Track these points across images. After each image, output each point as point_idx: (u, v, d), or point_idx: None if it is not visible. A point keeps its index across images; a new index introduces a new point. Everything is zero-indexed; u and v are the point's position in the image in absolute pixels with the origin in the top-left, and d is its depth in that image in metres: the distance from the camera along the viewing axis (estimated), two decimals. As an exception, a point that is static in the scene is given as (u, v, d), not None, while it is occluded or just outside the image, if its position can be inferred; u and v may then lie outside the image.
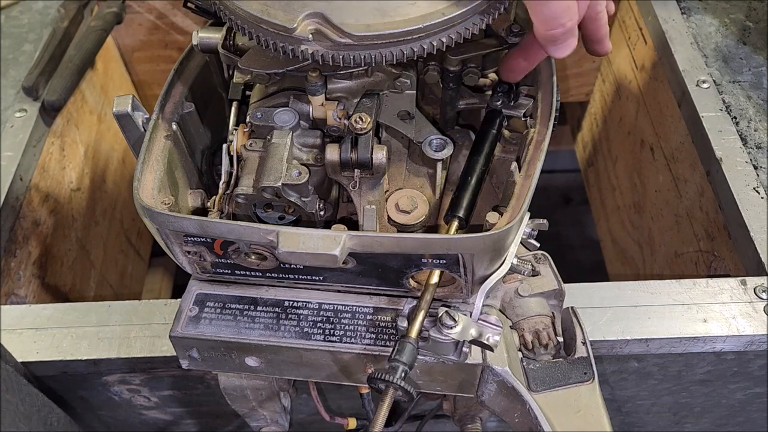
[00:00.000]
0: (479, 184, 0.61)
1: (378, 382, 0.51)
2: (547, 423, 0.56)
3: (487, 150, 0.62)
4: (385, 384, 0.51)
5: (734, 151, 0.85)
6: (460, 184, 0.61)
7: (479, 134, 0.64)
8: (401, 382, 0.50)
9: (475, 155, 0.62)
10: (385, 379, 0.50)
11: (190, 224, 0.53)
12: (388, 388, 0.51)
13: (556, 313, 0.62)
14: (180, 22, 1.24)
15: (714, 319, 0.71)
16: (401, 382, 0.50)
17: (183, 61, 0.66)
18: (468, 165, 0.62)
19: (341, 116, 0.58)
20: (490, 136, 0.63)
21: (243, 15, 0.54)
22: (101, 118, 1.18)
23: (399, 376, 0.51)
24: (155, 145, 0.59)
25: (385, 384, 0.51)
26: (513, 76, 0.62)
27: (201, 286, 0.61)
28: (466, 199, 0.59)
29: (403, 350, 0.52)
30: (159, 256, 1.38)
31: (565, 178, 1.82)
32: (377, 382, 0.51)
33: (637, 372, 0.77)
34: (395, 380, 0.50)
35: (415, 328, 0.53)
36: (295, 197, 0.55)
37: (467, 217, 0.59)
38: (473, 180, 0.60)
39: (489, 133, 0.63)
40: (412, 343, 0.52)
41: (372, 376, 0.51)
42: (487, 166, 0.62)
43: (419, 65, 0.65)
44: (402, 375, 0.51)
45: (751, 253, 0.77)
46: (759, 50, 0.97)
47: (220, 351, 0.59)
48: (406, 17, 0.52)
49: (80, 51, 1.04)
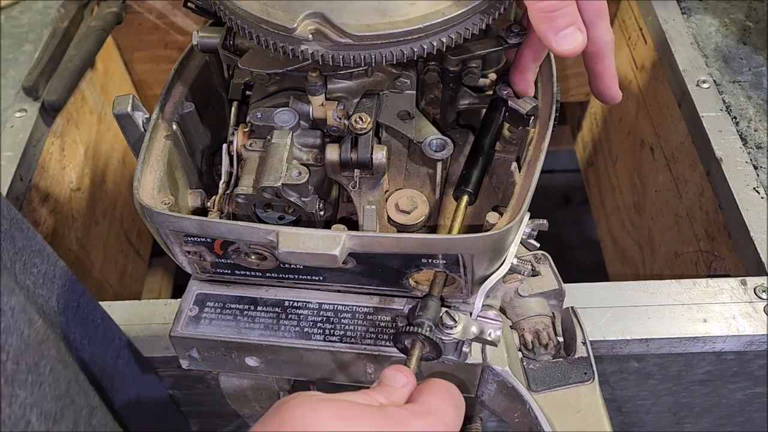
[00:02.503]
0: (486, 163, 0.61)
1: (405, 336, 0.51)
2: (547, 423, 0.56)
3: (493, 131, 0.62)
4: (412, 338, 0.51)
5: (734, 151, 0.85)
6: (467, 162, 0.61)
7: (484, 119, 0.64)
8: (431, 335, 0.50)
9: (482, 137, 0.62)
10: (413, 331, 0.50)
11: (190, 224, 0.53)
12: (415, 342, 0.51)
13: (556, 313, 0.62)
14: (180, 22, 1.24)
15: (714, 319, 0.71)
16: (431, 335, 0.50)
17: (183, 61, 0.66)
18: (475, 145, 0.62)
19: (341, 116, 0.58)
20: (495, 120, 0.63)
21: (243, 15, 0.54)
22: (101, 118, 1.18)
23: (426, 330, 0.50)
24: (155, 145, 0.59)
25: (412, 338, 0.51)
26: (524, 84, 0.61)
27: (201, 286, 0.61)
28: (475, 175, 0.60)
29: (429, 307, 0.52)
30: (159, 256, 1.38)
31: (565, 178, 1.82)
32: (404, 337, 0.51)
33: (637, 372, 0.77)
34: (426, 332, 0.50)
35: (436, 287, 0.54)
36: (295, 197, 0.55)
37: (476, 192, 0.59)
38: (480, 158, 0.61)
39: (494, 118, 0.63)
40: (435, 300, 0.52)
41: (400, 330, 0.51)
42: (493, 147, 0.62)
43: (419, 65, 0.65)
44: (429, 329, 0.50)
45: (751, 253, 0.77)
46: (759, 50, 0.97)
47: (220, 351, 0.59)
48: (406, 17, 0.52)
49: (80, 51, 1.04)
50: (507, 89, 0.63)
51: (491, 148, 0.62)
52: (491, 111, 0.64)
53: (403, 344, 0.52)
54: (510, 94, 0.63)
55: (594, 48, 0.56)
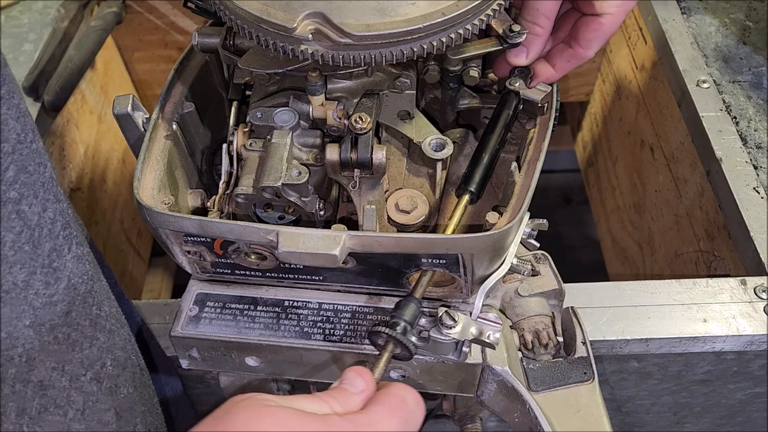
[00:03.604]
0: (492, 161, 0.60)
1: (377, 335, 0.50)
2: (546, 423, 0.56)
3: (501, 129, 0.61)
4: (384, 337, 0.50)
5: (734, 151, 0.85)
6: (473, 160, 0.60)
7: (493, 116, 0.62)
8: (401, 337, 0.50)
9: (489, 134, 0.61)
10: (385, 332, 0.50)
11: (190, 224, 0.53)
12: (387, 342, 0.50)
13: (556, 313, 0.62)
14: (180, 22, 1.24)
15: (714, 319, 0.71)
16: (401, 337, 0.50)
17: (183, 61, 0.66)
18: (482, 143, 0.61)
19: (341, 116, 0.58)
20: (504, 116, 0.61)
21: (243, 15, 0.54)
22: (101, 118, 1.18)
23: (399, 331, 0.50)
24: (155, 145, 0.59)
25: (384, 337, 0.50)
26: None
27: (201, 286, 0.61)
28: (479, 174, 0.58)
29: (404, 307, 0.51)
30: (159, 256, 1.38)
31: (565, 178, 1.82)
32: (377, 336, 0.50)
33: (637, 372, 0.77)
34: (395, 334, 0.49)
35: (419, 289, 0.53)
36: (295, 197, 0.55)
37: (479, 192, 0.58)
38: (487, 156, 0.59)
39: (504, 113, 0.61)
40: (414, 302, 0.52)
41: (372, 329, 0.50)
42: (501, 145, 0.61)
43: (419, 65, 0.65)
44: (402, 330, 0.50)
45: (751, 253, 0.77)
46: (759, 50, 0.97)
47: (220, 351, 0.59)
48: (406, 17, 0.52)
49: (80, 51, 1.04)
50: (518, 81, 0.62)
51: (499, 146, 0.61)
52: (501, 106, 0.62)
53: (375, 343, 0.51)
54: (522, 86, 0.62)
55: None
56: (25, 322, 0.44)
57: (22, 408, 0.44)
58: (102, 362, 0.51)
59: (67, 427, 0.46)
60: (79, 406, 0.48)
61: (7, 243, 0.41)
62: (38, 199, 0.44)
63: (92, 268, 0.51)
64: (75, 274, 0.48)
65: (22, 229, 0.42)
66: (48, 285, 0.45)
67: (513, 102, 0.62)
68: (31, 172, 0.43)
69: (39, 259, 0.44)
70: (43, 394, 0.45)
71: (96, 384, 0.50)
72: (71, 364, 0.48)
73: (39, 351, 0.45)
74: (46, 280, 0.45)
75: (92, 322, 0.50)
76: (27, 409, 0.44)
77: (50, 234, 0.45)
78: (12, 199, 0.42)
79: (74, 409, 0.47)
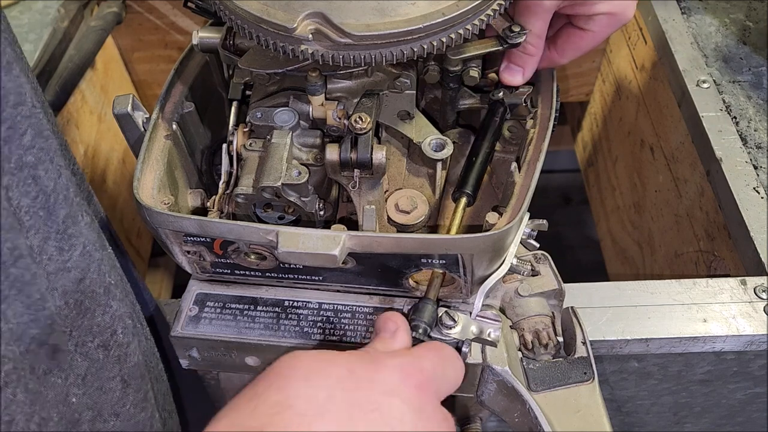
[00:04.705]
0: (484, 164, 0.62)
1: None
2: (546, 423, 0.56)
3: (491, 135, 0.64)
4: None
5: (734, 151, 0.85)
6: (466, 164, 0.62)
7: (482, 124, 0.65)
8: (424, 338, 0.52)
9: (479, 140, 0.63)
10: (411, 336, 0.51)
11: (190, 224, 0.53)
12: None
13: (556, 313, 0.62)
14: (180, 22, 1.24)
15: (714, 319, 0.70)
16: (424, 338, 0.52)
17: (183, 61, 0.66)
18: (473, 148, 0.63)
19: (341, 116, 0.58)
20: (493, 124, 0.64)
21: (243, 15, 0.54)
22: (101, 118, 1.18)
23: (421, 332, 0.52)
24: (155, 144, 0.60)
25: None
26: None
27: (201, 286, 0.61)
28: (473, 177, 0.60)
29: (423, 309, 0.53)
30: (159, 256, 1.38)
31: (565, 178, 1.82)
32: None
33: (637, 372, 0.77)
34: (418, 336, 0.52)
35: (432, 291, 0.55)
36: (294, 197, 0.55)
37: (475, 193, 0.60)
38: (479, 160, 0.62)
39: (492, 121, 0.64)
40: (431, 304, 0.53)
41: None
42: (491, 150, 0.64)
43: (419, 65, 0.65)
44: (423, 332, 0.52)
45: (751, 253, 0.77)
46: (759, 50, 0.97)
47: (220, 351, 0.59)
48: (406, 17, 0.52)
49: (80, 51, 1.04)
50: (501, 91, 0.65)
51: (490, 150, 0.63)
52: (489, 115, 0.65)
53: None
54: (506, 94, 0.64)
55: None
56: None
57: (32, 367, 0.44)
58: (113, 329, 0.52)
59: (66, 391, 0.47)
60: (81, 371, 0.48)
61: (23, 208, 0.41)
62: (54, 164, 0.44)
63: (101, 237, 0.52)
64: (90, 242, 0.48)
65: (38, 194, 0.42)
66: (62, 251, 0.45)
67: (500, 110, 0.65)
68: (46, 137, 0.43)
69: (54, 225, 0.44)
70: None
71: (103, 351, 0.51)
72: (79, 329, 0.48)
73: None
74: (60, 246, 0.45)
75: (106, 290, 0.51)
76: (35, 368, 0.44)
77: (65, 200, 0.45)
78: (29, 163, 0.41)
79: (75, 374, 0.48)
